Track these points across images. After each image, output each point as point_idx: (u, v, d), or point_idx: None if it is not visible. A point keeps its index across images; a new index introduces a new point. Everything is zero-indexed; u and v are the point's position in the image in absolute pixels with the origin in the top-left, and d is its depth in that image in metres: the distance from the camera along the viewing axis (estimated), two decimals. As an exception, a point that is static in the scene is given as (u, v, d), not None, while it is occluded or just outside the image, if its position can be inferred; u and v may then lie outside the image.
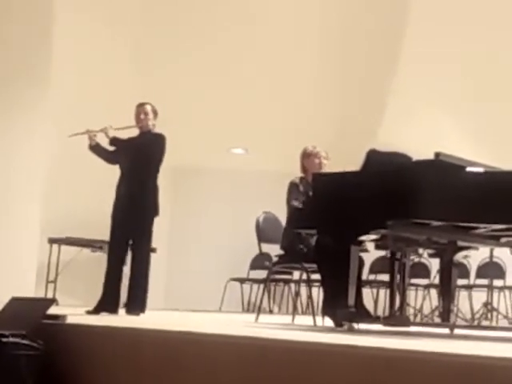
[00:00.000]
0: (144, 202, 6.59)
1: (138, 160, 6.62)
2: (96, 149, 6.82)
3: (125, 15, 9.49)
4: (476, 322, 8.91)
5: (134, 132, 6.83)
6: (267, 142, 10.64)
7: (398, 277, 5.11)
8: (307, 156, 6.12)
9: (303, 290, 7.32)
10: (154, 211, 6.68)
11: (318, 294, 7.01)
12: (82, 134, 6.78)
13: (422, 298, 9.62)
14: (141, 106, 6.81)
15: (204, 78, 10.05)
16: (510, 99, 9.58)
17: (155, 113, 6.81)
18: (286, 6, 9.61)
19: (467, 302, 9.44)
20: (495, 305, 9.31)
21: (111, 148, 6.80)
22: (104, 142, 6.80)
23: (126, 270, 6.69)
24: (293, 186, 5.94)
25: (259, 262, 8.55)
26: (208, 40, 9.83)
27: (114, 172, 6.79)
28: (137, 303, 6.49)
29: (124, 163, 6.69)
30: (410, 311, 8.67)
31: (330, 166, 6.08)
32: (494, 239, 4.92)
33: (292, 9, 9.61)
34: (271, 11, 9.62)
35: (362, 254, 5.85)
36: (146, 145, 6.68)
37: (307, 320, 5.88)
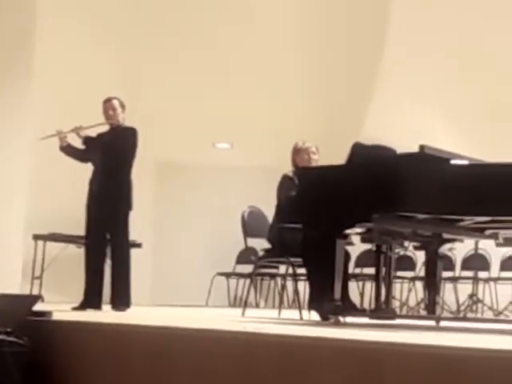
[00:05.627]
0: (117, 197, 6.57)
1: (109, 155, 6.59)
2: (67, 149, 6.80)
3: (108, 14, 9.45)
4: (461, 314, 8.94)
5: (104, 128, 6.78)
6: (252, 137, 10.63)
7: (384, 270, 5.12)
8: (297, 152, 6.15)
9: (289, 284, 7.33)
10: (127, 206, 6.66)
11: (304, 287, 7.00)
12: (52, 136, 6.76)
13: (408, 291, 9.63)
14: (108, 101, 6.73)
15: (189, 73, 10.03)
16: (495, 91, 9.60)
17: (123, 106, 6.75)
18: (272, 4, 9.62)
19: (453, 294, 9.47)
20: (480, 296, 9.34)
21: (82, 147, 6.77)
22: (76, 142, 6.77)
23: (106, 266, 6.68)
24: (286, 180, 5.93)
25: (245, 256, 8.54)
26: (193, 37, 9.81)
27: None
28: (121, 298, 6.47)
29: (96, 160, 6.66)
30: (396, 304, 8.69)
31: (318, 160, 6.11)
32: (478, 231, 4.94)
33: (278, 6, 9.61)
34: (257, 9, 9.63)
35: (348, 248, 5.86)
36: (116, 140, 6.64)
37: (293, 314, 5.88)
